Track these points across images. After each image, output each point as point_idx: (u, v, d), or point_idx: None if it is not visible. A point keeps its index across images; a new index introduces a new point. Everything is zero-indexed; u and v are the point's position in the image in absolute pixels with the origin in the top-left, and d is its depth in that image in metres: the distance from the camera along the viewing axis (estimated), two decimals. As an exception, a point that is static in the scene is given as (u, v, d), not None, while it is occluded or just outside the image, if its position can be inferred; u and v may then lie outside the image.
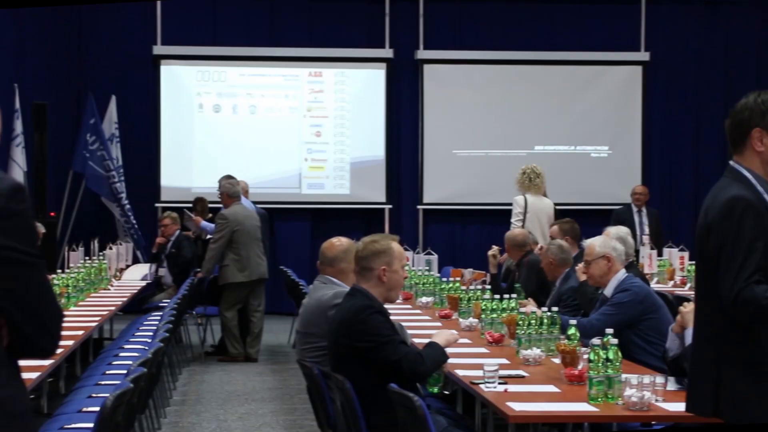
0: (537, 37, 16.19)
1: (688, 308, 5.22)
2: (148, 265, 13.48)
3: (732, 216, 3.79)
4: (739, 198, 3.81)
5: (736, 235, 3.76)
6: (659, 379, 5.04)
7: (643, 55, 16.31)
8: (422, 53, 16.14)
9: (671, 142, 16.42)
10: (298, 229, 16.03)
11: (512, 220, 11.48)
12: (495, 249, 10.30)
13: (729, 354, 3.83)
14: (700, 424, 4.84)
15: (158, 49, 15.84)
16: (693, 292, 9.15)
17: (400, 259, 5.47)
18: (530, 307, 7.12)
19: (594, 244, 7.04)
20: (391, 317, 5.45)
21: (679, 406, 4.82)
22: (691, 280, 10.01)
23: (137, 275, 13.10)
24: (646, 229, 13.82)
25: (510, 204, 11.81)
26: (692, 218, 15.70)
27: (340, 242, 6.31)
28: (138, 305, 12.19)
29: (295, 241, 15.95)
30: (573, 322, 5.87)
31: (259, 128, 15.92)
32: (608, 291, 6.88)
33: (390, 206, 16.07)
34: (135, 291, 11.59)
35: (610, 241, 7.22)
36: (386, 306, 5.48)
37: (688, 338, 5.12)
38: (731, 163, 3.98)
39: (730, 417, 3.87)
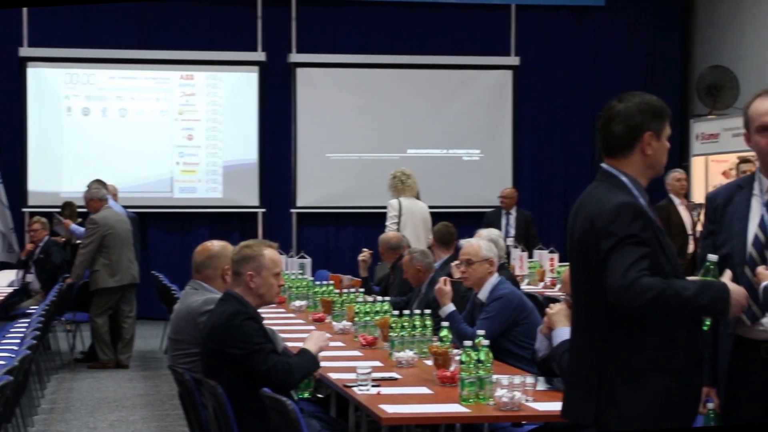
0: (409, 41, 16.29)
1: (555, 309, 5.28)
2: (15, 271, 13.20)
3: (622, 219, 3.79)
4: (629, 204, 3.83)
5: (628, 236, 3.76)
6: (529, 380, 5.10)
7: (514, 60, 16.53)
8: (295, 57, 16.11)
9: (541, 146, 16.67)
10: (170, 233, 15.87)
11: (387, 223, 11.53)
12: (366, 253, 10.34)
13: (610, 361, 3.83)
14: (570, 423, 4.93)
15: (24, 51, 15.51)
16: (562, 295, 9.31)
17: (271, 266, 5.41)
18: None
19: (480, 245, 7.05)
20: (264, 321, 5.42)
21: (548, 406, 4.91)
22: (561, 281, 10.15)
23: (4, 282, 12.82)
24: (512, 231, 13.99)
25: (384, 207, 11.86)
26: (562, 220, 15.98)
27: (208, 247, 6.17)
28: (4, 312, 11.92)
29: (167, 245, 15.77)
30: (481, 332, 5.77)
31: (129, 132, 15.70)
32: (483, 295, 6.93)
33: (263, 210, 16.00)
34: (1, 298, 11.34)
35: (492, 244, 7.29)
36: (261, 309, 5.44)
37: (556, 339, 5.19)
38: (606, 167, 3.99)
39: (612, 425, 3.87)
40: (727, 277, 3.85)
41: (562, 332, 5.09)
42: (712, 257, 3.78)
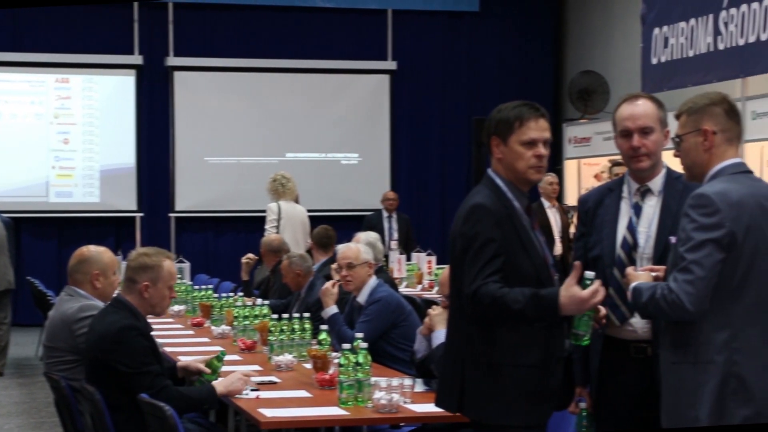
0: (287, 45, 16.28)
1: (436, 311, 5.37)
2: None
3: (470, 222, 3.97)
4: (478, 205, 3.98)
5: (474, 240, 3.93)
6: (407, 381, 5.16)
7: (391, 64, 16.64)
8: (172, 60, 15.99)
9: (419, 150, 16.80)
10: (46, 238, 15.62)
11: (266, 226, 11.52)
12: (250, 256, 10.33)
13: (471, 354, 3.99)
14: (447, 423, 5.02)
15: None
16: (440, 297, 9.43)
17: (168, 278, 5.35)
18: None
19: (359, 249, 7.11)
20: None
21: (427, 407, 4.97)
22: (439, 283, 10.27)
23: None
24: (396, 235, 14.10)
25: (263, 211, 11.85)
26: (440, 223, 16.17)
27: (82, 252, 5.98)
28: None
29: (43, 250, 15.52)
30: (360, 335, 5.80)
31: (3, 135, 15.40)
32: (361, 298, 6.98)
33: (141, 214, 15.85)
34: None
35: (370, 247, 7.35)
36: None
37: (435, 340, 5.28)
38: (488, 170, 4.16)
39: (473, 415, 4.04)
40: (596, 284, 3.95)
41: (442, 334, 5.17)
42: (589, 274, 3.90)
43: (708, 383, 3.77)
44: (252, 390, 5.36)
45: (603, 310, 4.05)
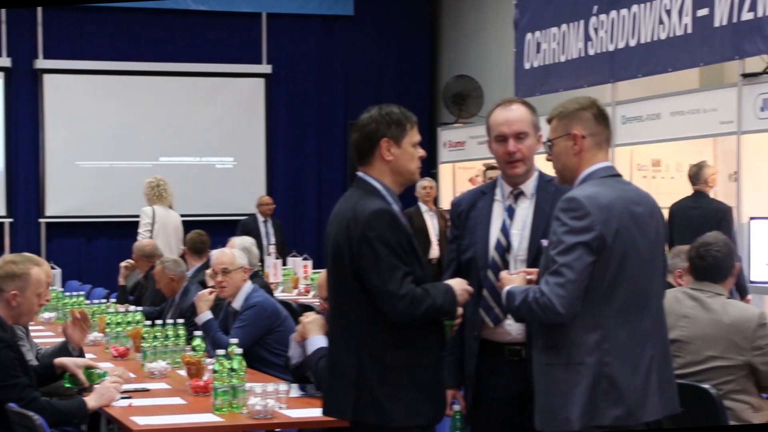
0: (160, 48, 16.09)
1: (309, 318, 5.34)
2: None
3: (379, 226, 3.96)
4: (385, 210, 3.99)
5: (386, 243, 3.95)
6: (282, 387, 5.13)
7: (266, 68, 16.57)
8: (41, 63, 15.67)
9: (295, 154, 16.76)
10: None
11: (140, 230, 11.38)
12: (130, 261, 10.18)
13: (368, 358, 3.99)
14: (324, 429, 5.01)
15: None
16: (317, 301, 9.41)
17: (36, 286, 5.20)
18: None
19: (234, 254, 7.06)
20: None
21: (302, 413, 4.96)
22: (315, 288, 10.24)
23: None
24: (273, 239, 14.06)
25: (137, 216, 11.70)
26: (316, 227, 16.16)
27: None
28: None
29: None
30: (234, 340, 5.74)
31: None
32: (236, 303, 6.93)
33: (11, 220, 15.50)
34: None
35: (244, 252, 7.30)
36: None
37: (310, 347, 5.25)
38: (360, 174, 4.14)
39: (373, 419, 4.02)
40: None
41: (316, 340, 5.16)
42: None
43: (579, 384, 3.82)
44: (123, 398, 5.27)
45: (460, 319, 4.15)
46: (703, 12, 10.11)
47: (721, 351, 4.99)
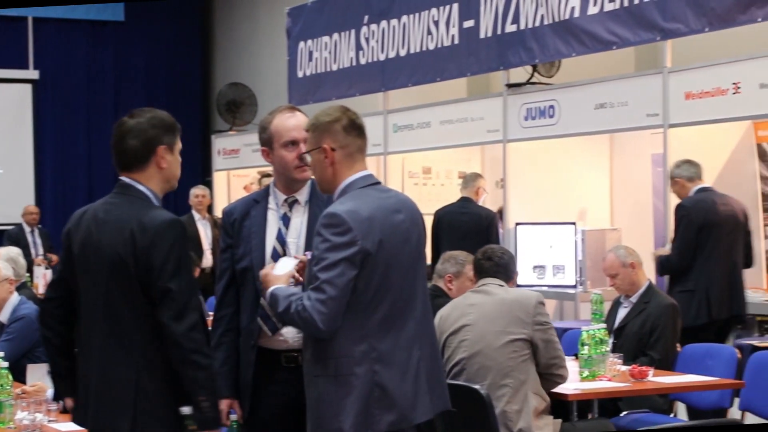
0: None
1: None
2: None
3: (174, 236, 3.87)
4: (177, 221, 3.92)
5: (183, 254, 3.89)
6: (51, 399, 5.01)
7: (33, 73, 16.18)
8: None
9: (64, 160, 16.40)
10: None
11: None
12: None
13: (147, 372, 3.87)
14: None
15: None
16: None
17: None
18: None
19: None
20: None
21: (70, 426, 4.84)
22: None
23: None
24: (41, 249, 13.74)
25: None
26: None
27: None
28: None
29: None
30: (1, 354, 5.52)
31: None
32: (3, 316, 6.73)
33: None
34: None
35: (9, 263, 7.04)
36: None
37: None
38: (126, 180, 4.04)
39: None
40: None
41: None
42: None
43: (351, 395, 3.86)
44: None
45: None
46: (469, 23, 10.39)
47: (505, 325, 5.34)
